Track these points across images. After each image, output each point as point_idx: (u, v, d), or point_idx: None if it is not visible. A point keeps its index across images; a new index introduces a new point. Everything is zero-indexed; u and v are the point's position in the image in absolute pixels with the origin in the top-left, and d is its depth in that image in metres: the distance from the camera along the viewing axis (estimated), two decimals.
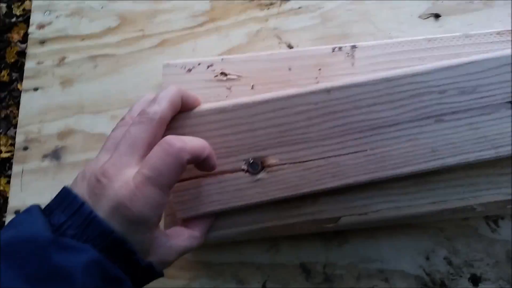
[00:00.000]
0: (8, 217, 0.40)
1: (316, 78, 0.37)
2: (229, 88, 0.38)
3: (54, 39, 0.47)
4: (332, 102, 0.28)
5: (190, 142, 0.25)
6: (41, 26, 0.48)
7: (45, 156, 0.42)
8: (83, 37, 0.47)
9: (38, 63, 0.47)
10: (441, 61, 0.29)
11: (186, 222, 0.29)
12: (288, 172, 0.28)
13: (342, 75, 0.36)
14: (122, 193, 0.23)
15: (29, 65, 0.47)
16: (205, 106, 0.30)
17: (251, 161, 0.28)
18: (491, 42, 0.35)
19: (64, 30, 0.47)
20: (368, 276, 0.34)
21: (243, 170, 0.28)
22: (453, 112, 0.28)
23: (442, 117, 0.28)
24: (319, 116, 0.28)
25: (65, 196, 0.24)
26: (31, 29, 0.48)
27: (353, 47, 0.37)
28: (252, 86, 0.38)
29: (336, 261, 0.35)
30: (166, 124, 0.27)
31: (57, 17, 0.48)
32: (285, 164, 0.28)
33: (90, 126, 0.43)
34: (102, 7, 0.47)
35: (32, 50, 0.47)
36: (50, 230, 0.22)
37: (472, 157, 0.27)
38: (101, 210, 0.23)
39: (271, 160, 0.28)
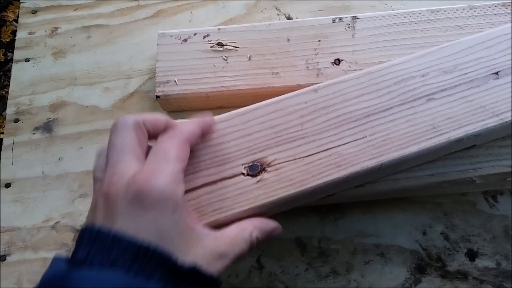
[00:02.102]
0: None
1: (315, 49, 0.36)
2: (225, 59, 0.37)
3: (46, 8, 0.46)
4: (321, 99, 0.28)
5: (184, 127, 0.25)
6: None
7: (36, 129, 0.41)
8: (76, 7, 0.46)
9: (30, 33, 0.45)
10: (416, 53, 0.30)
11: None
12: (290, 169, 0.27)
13: (342, 47, 0.35)
14: (135, 183, 0.22)
15: (21, 35, 0.45)
16: None
17: (250, 164, 0.27)
18: (496, 14, 0.34)
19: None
20: (364, 251, 0.33)
21: (243, 174, 0.27)
22: (442, 90, 0.28)
23: (432, 96, 0.28)
24: (311, 113, 0.28)
25: (83, 232, 0.22)
26: None
27: (354, 18, 0.36)
28: (249, 57, 0.37)
29: (331, 236, 0.34)
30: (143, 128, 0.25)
31: None
32: (285, 162, 0.27)
33: (82, 98, 0.42)
34: None
35: (23, 19, 0.46)
36: (67, 265, 0.20)
37: (477, 127, 0.27)
38: (121, 220, 0.21)
39: (271, 160, 0.27)
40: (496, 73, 0.28)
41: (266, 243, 0.34)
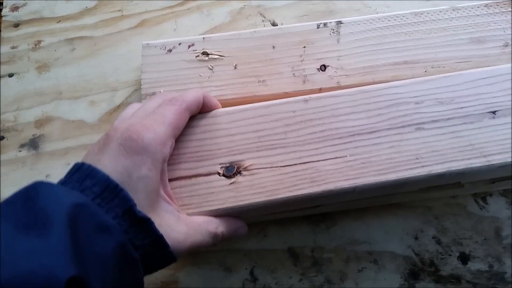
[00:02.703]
0: None
1: (301, 56, 0.36)
2: (211, 68, 0.37)
3: (28, 21, 0.45)
4: (310, 110, 0.28)
5: (187, 96, 0.27)
6: (14, 8, 0.46)
7: (22, 146, 0.41)
8: (59, 19, 0.45)
9: (13, 47, 0.45)
10: (416, 78, 0.29)
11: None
12: (265, 177, 0.26)
13: (327, 52, 0.35)
14: (130, 129, 0.24)
15: (3, 49, 0.45)
16: None
17: (228, 165, 0.27)
18: (479, 15, 0.34)
19: (39, 12, 0.45)
20: (357, 258, 0.33)
21: (218, 173, 0.27)
22: (433, 121, 0.27)
23: (422, 125, 0.27)
24: (297, 123, 0.28)
25: (74, 165, 0.24)
26: (4, 11, 0.46)
27: (339, 23, 0.36)
28: (235, 65, 0.36)
29: (324, 245, 0.34)
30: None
31: None
32: (261, 168, 0.27)
33: (68, 113, 0.41)
34: None
35: (6, 33, 0.45)
36: None
37: (461, 165, 0.26)
38: (106, 157, 0.23)
39: (248, 164, 0.27)
40: (494, 112, 0.27)
41: (259, 254, 0.34)
